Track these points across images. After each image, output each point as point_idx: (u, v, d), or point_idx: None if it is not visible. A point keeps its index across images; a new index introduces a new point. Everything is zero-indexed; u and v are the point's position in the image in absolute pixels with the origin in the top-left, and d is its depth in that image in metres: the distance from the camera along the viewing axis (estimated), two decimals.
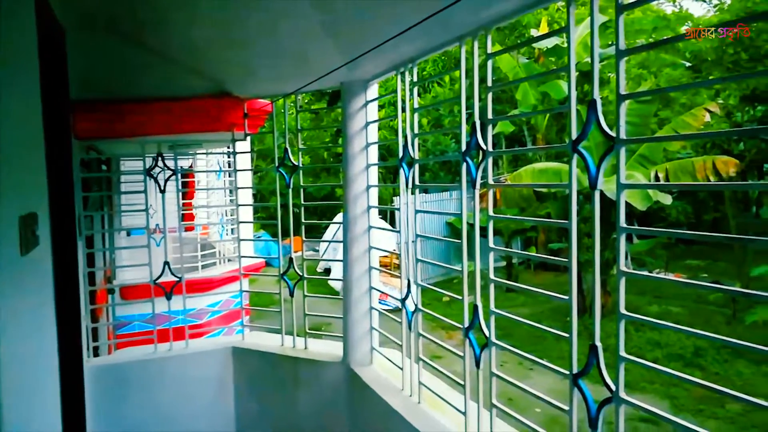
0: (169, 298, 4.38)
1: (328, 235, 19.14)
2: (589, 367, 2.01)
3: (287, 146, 4.29)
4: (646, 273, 2.93)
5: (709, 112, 11.77)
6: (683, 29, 22.03)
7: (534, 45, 14.96)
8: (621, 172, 1.85)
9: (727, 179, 10.51)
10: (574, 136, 2.03)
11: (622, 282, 1.89)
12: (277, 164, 4.36)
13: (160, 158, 4.39)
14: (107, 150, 5.80)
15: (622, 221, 1.86)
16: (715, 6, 22.86)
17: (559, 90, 13.87)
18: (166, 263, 4.42)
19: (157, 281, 4.38)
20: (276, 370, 4.31)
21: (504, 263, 17.31)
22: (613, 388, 1.91)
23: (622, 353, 1.87)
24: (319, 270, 18.98)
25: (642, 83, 16.47)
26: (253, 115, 4.64)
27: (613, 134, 1.85)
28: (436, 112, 20.59)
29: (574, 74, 2.04)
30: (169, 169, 4.41)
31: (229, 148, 5.00)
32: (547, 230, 17.70)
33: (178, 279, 4.45)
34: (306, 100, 24.80)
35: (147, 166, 4.34)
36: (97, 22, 3.77)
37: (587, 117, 1.95)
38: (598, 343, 1.99)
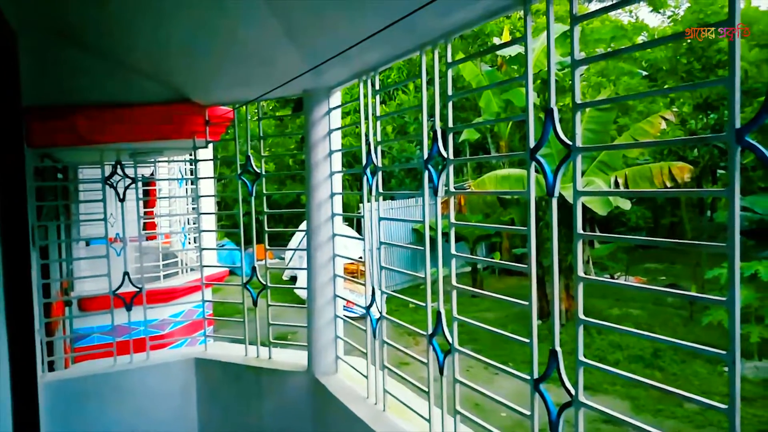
0: (129, 309, 4.28)
1: (293, 243, 19.00)
2: (550, 372, 2.04)
3: (249, 153, 4.24)
4: (602, 278, 2.98)
5: (665, 119, 12.13)
6: (639, 39, 22.68)
7: (497, 53, 15.20)
8: (577, 180, 1.88)
9: (682, 184, 10.83)
10: (532, 144, 2.06)
11: (580, 287, 1.93)
12: (239, 172, 4.31)
13: (118, 166, 4.29)
14: (64, 158, 5.64)
15: (579, 227, 1.90)
16: (669, 17, 23.64)
17: (522, 98, 14.09)
18: (126, 273, 4.32)
19: (116, 292, 4.27)
20: (240, 380, 4.24)
21: (469, 269, 17.46)
22: (573, 392, 1.94)
23: (581, 358, 1.90)
24: (285, 278, 18.80)
25: (602, 90, 16.88)
26: (215, 122, 4.58)
27: (570, 142, 1.89)
28: (401, 120, 20.70)
29: (531, 83, 2.07)
30: (128, 177, 4.31)
31: (191, 155, 4.92)
32: (511, 236, 17.94)
33: (138, 289, 4.35)
34: (270, 107, 24.64)
35: (105, 175, 4.23)
36: (50, 27, 3.67)
37: (544, 125, 1.99)
38: (558, 348, 2.02)
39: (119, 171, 4.29)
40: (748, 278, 10.09)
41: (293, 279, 18.09)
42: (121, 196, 4.28)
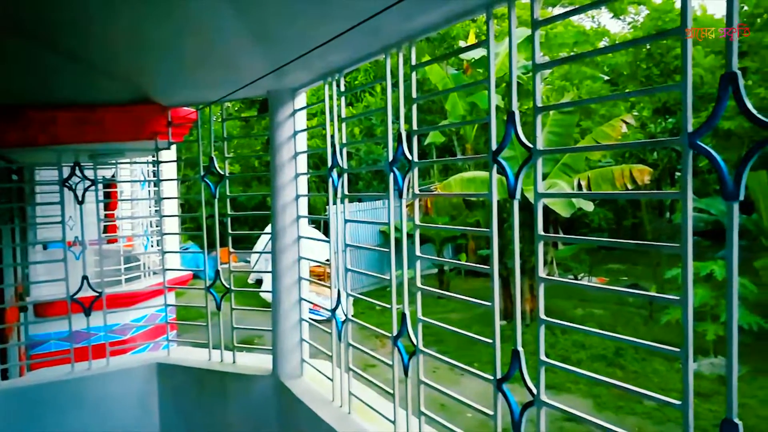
0: (87, 314, 4.17)
1: (259, 246, 18.80)
2: (512, 372, 2.07)
3: (213, 155, 4.19)
4: (562, 279, 3.04)
5: (626, 123, 12.43)
6: (601, 44, 23.19)
7: (462, 57, 15.33)
8: (538, 182, 1.91)
9: (642, 186, 11.11)
10: (494, 147, 2.08)
11: (542, 288, 1.95)
12: (202, 173, 4.25)
13: (77, 168, 4.18)
14: (19, 158, 5.47)
15: (540, 229, 1.93)
16: (629, 24, 24.24)
17: (485, 102, 14.28)
18: (85, 278, 4.21)
19: (75, 297, 4.16)
20: (203, 385, 4.18)
21: (436, 270, 17.57)
22: (535, 391, 1.97)
23: (543, 357, 1.93)
24: (250, 281, 18.60)
25: (565, 94, 17.20)
26: (178, 123, 4.51)
27: (531, 145, 1.91)
28: (368, 122, 20.72)
29: (493, 86, 2.10)
30: (87, 179, 4.21)
31: (153, 157, 4.83)
32: (477, 237, 18.11)
33: (98, 294, 4.24)
34: (236, 108, 24.37)
35: (63, 176, 4.12)
36: (1, 22, 3.55)
37: (506, 129, 2.01)
38: (520, 348, 2.04)
39: (78, 173, 4.18)
40: (704, 278, 10.40)
41: (259, 282, 17.92)
42: (80, 199, 4.16)
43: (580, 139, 15.74)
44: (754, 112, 1.36)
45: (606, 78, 20.03)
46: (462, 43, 19.25)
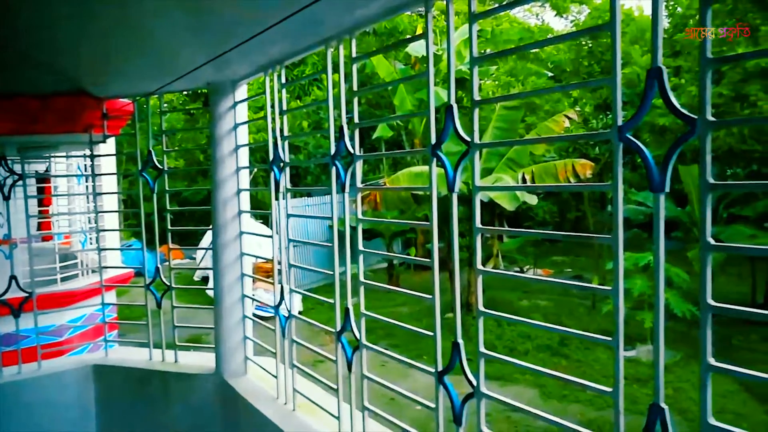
0: (16, 316, 3.97)
1: (205, 242, 18.40)
2: (453, 364, 2.08)
3: (151, 149, 4.05)
4: (499, 270, 3.08)
5: (569, 118, 12.76)
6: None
7: (411, 52, 15.38)
8: (476, 175, 1.93)
9: (584, 180, 11.43)
10: (433, 140, 2.08)
11: (480, 280, 1.97)
12: (140, 168, 4.10)
13: (2, 161, 3.97)
14: None
15: (478, 222, 1.94)
16: (572, 21, 24.90)
17: (436, 96, 14.38)
18: (13, 277, 4.00)
19: (2, 298, 3.95)
20: (144, 386, 4.05)
21: (386, 264, 17.63)
22: (475, 383, 1.98)
23: (482, 349, 1.95)
24: (196, 279, 18.18)
25: (510, 90, 17.52)
26: (114, 116, 4.34)
27: (468, 138, 1.92)
28: (316, 116, 20.55)
29: (432, 80, 2.10)
30: (14, 173, 4.00)
31: (89, 151, 4.63)
32: (426, 231, 18.28)
33: (27, 294, 4.04)
34: (181, 101, 23.71)
35: None
36: None
37: (444, 122, 2.02)
38: (460, 341, 2.06)
39: (4, 167, 3.97)
40: (642, 268, 10.81)
41: (205, 279, 17.53)
42: (6, 194, 3.95)
43: (525, 134, 16.08)
44: (678, 106, 1.41)
45: (550, 74, 20.51)
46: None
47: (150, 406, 4.00)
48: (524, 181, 11.63)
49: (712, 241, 1.37)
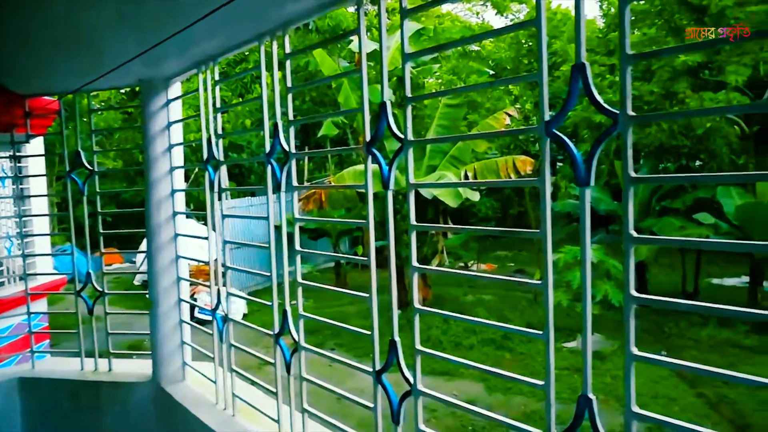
0: None
1: (145, 245, 17.80)
2: (390, 362, 2.07)
3: (79, 149, 3.87)
4: (434, 267, 3.11)
5: (509, 115, 13.02)
6: (485, 40, 24.13)
7: (353, 49, 15.33)
8: (410, 173, 1.92)
9: (525, 176, 11.69)
10: (368, 138, 2.07)
11: (415, 277, 1.97)
12: (68, 169, 3.92)
13: None
14: None
15: (413, 219, 1.94)
16: (511, 20, 25.43)
17: (377, 94, 14.37)
18: None
19: None
20: (75, 398, 3.86)
21: (333, 264, 17.53)
22: (412, 381, 1.98)
23: (418, 346, 1.94)
24: (137, 283, 17.59)
25: (452, 88, 17.76)
26: (38, 114, 4.13)
27: (402, 135, 1.91)
28: (259, 113, 20.20)
29: (365, 76, 2.08)
30: None
31: (11, 151, 4.39)
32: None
33: None
34: (118, 99, 22.87)
35: None
36: None
37: (378, 120, 2.00)
38: (397, 339, 2.05)
39: None
40: (580, 261, 11.15)
41: (146, 284, 16.98)
42: None
43: (467, 131, 16.30)
44: (601, 101, 1.44)
45: (491, 72, 20.89)
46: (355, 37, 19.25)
47: (81, 418, 3.82)
48: (467, 177, 11.79)
49: (635, 234, 1.41)
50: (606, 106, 1.42)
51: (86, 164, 3.90)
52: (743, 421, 7.76)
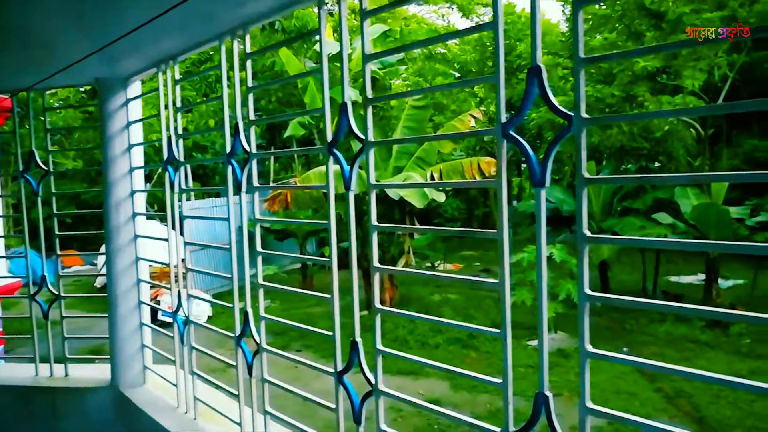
0: None
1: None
2: (351, 363, 2.07)
3: (33, 148, 3.76)
4: (394, 267, 3.13)
5: (474, 117, 13.16)
6: (451, 42, 24.34)
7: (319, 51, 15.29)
8: (371, 173, 1.92)
9: (489, 177, 11.82)
10: (329, 138, 2.06)
11: (377, 277, 1.97)
12: (22, 169, 3.80)
13: None
14: None
15: (374, 220, 1.94)
16: (476, 23, 25.71)
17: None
18: None
19: None
20: (28, 405, 3.75)
21: (299, 265, 17.44)
22: (373, 381, 1.98)
23: (379, 346, 1.95)
24: (98, 286, 17.17)
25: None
26: None
27: (363, 136, 1.92)
28: (222, 113, 19.95)
29: (327, 76, 2.07)
30: None
31: None
32: (339, 230, 18.23)
33: None
34: (78, 98, 22.30)
35: None
36: None
37: (339, 120, 2.00)
38: (359, 339, 2.05)
39: None
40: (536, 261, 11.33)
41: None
42: None
43: (433, 133, 16.41)
44: (555, 103, 1.47)
45: (457, 75, 21.10)
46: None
47: (35, 425, 3.71)
48: (432, 178, 11.86)
49: (588, 233, 1.44)
50: (561, 108, 1.45)
51: (41, 164, 3.79)
52: (699, 414, 8.02)
